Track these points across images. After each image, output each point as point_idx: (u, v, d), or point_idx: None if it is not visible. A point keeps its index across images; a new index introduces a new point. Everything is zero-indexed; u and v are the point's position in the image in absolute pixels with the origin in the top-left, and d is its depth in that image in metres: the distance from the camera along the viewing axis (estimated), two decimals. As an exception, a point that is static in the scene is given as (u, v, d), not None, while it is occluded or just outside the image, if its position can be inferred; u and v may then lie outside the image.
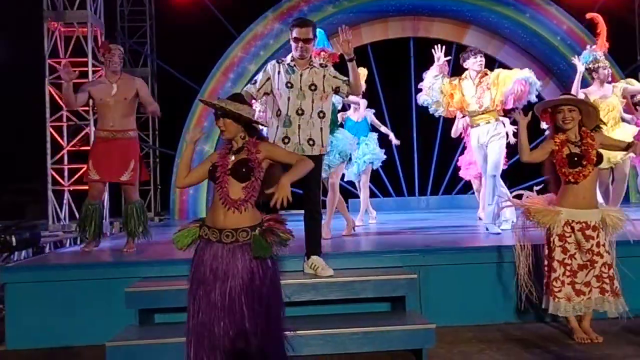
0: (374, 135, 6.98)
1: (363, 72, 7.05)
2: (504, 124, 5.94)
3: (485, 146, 5.60)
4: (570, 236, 3.95)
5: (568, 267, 3.93)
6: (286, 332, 3.07)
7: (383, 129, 7.31)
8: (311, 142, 4.04)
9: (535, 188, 4.25)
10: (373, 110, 7.18)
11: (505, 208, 5.52)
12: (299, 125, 4.02)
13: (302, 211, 4.12)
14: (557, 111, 3.98)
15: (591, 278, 3.93)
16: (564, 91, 5.11)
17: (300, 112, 4.03)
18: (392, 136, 7.41)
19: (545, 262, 4.09)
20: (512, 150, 8.35)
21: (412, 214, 8.65)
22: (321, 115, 4.09)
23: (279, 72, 4.09)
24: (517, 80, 5.49)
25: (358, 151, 6.60)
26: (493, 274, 4.46)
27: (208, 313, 2.86)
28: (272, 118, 4.12)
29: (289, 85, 4.05)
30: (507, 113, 6.24)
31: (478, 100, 5.56)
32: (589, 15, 6.25)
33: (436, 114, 5.90)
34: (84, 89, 5.22)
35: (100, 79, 5.36)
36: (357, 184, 7.01)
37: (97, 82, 5.29)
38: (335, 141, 5.58)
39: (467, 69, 5.68)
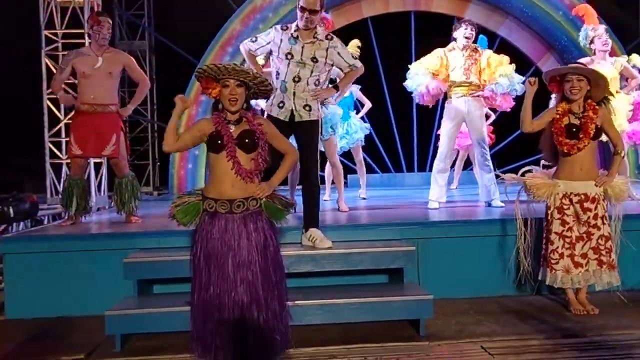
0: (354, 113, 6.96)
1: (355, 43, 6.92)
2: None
3: (466, 119, 5.60)
4: (568, 208, 3.95)
5: (567, 240, 3.94)
6: (288, 302, 3.10)
7: (366, 106, 7.16)
8: (307, 108, 4.03)
9: (544, 162, 4.26)
10: (359, 86, 7.09)
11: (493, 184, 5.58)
12: (294, 93, 3.99)
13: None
14: (565, 80, 3.94)
15: (588, 250, 3.95)
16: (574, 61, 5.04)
17: (297, 79, 3.99)
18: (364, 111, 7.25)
19: (544, 235, 4.10)
20: (500, 132, 8.42)
21: (409, 190, 8.65)
22: (316, 83, 4.07)
23: (281, 40, 4.03)
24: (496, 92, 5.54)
25: (349, 125, 6.59)
26: (491, 247, 4.47)
27: (220, 285, 2.86)
28: (273, 77, 4.08)
29: (289, 56, 4.00)
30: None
31: (465, 71, 5.53)
32: (574, 12, 6.22)
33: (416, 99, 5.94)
34: (67, 62, 5.16)
35: (83, 50, 5.26)
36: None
37: (80, 54, 5.18)
38: (328, 114, 5.56)
39: (455, 40, 5.66)
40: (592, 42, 5.95)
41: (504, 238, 4.47)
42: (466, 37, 5.56)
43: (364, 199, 6.94)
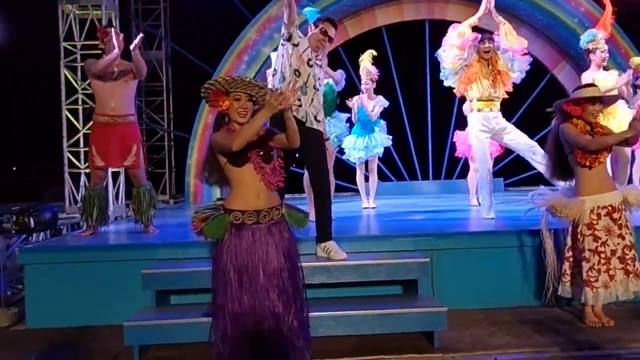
0: (384, 124, 6.92)
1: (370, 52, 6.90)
2: None
3: (497, 134, 5.50)
4: (597, 223, 3.93)
5: (602, 255, 3.91)
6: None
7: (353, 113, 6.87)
8: (317, 119, 4.10)
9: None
10: (386, 103, 6.94)
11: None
12: (311, 99, 4.05)
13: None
14: (591, 103, 3.95)
15: (615, 261, 3.93)
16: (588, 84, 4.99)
17: (314, 89, 4.08)
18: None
19: (570, 254, 4.07)
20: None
21: (424, 198, 8.66)
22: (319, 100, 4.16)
23: (306, 47, 4.10)
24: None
25: (370, 139, 6.61)
26: (505, 258, 4.47)
27: (255, 297, 2.87)
28: (286, 72, 4.04)
29: (310, 64, 4.07)
30: None
31: (492, 83, 5.46)
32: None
33: (452, 84, 5.71)
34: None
35: None
36: (357, 166, 6.97)
37: None
38: (333, 125, 5.60)
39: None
40: (592, 51, 5.98)
41: (518, 249, 4.46)
42: (485, 52, 5.45)
43: (373, 207, 6.92)
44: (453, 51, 5.48)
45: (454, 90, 5.79)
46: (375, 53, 6.89)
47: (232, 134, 2.86)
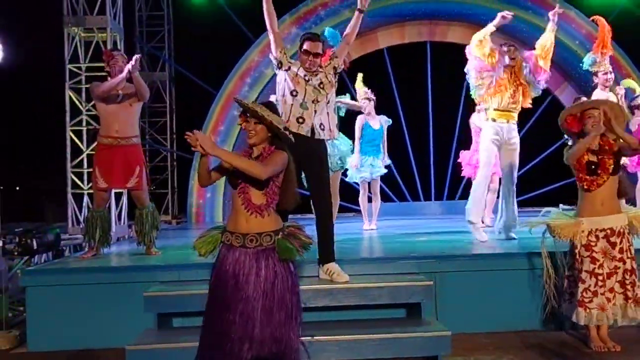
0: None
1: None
2: None
3: (502, 146, 5.40)
4: (595, 245, 3.92)
5: (600, 277, 3.89)
6: (302, 339, 3.10)
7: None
8: (322, 127, 4.16)
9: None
10: (389, 121, 7.02)
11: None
12: (315, 110, 4.13)
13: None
14: (587, 115, 3.95)
15: (614, 284, 3.91)
16: (579, 96, 5.03)
17: (315, 101, 4.15)
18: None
19: (569, 273, 4.08)
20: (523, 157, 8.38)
21: (427, 219, 8.64)
22: (328, 103, 4.23)
23: (299, 67, 4.19)
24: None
25: (375, 159, 6.62)
26: (510, 281, 4.45)
27: (220, 316, 2.90)
28: (285, 95, 4.17)
29: (306, 79, 4.15)
30: None
31: (513, 94, 5.33)
32: (592, 18, 6.30)
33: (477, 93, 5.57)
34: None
35: None
36: (361, 187, 6.97)
37: None
38: (338, 145, 5.59)
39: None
40: (594, 74, 6.04)
41: (523, 272, 4.44)
42: (511, 58, 5.34)
43: (373, 229, 6.90)
44: (473, 62, 5.41)
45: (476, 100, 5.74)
46: (362, 74, 6.94)
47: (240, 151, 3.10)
